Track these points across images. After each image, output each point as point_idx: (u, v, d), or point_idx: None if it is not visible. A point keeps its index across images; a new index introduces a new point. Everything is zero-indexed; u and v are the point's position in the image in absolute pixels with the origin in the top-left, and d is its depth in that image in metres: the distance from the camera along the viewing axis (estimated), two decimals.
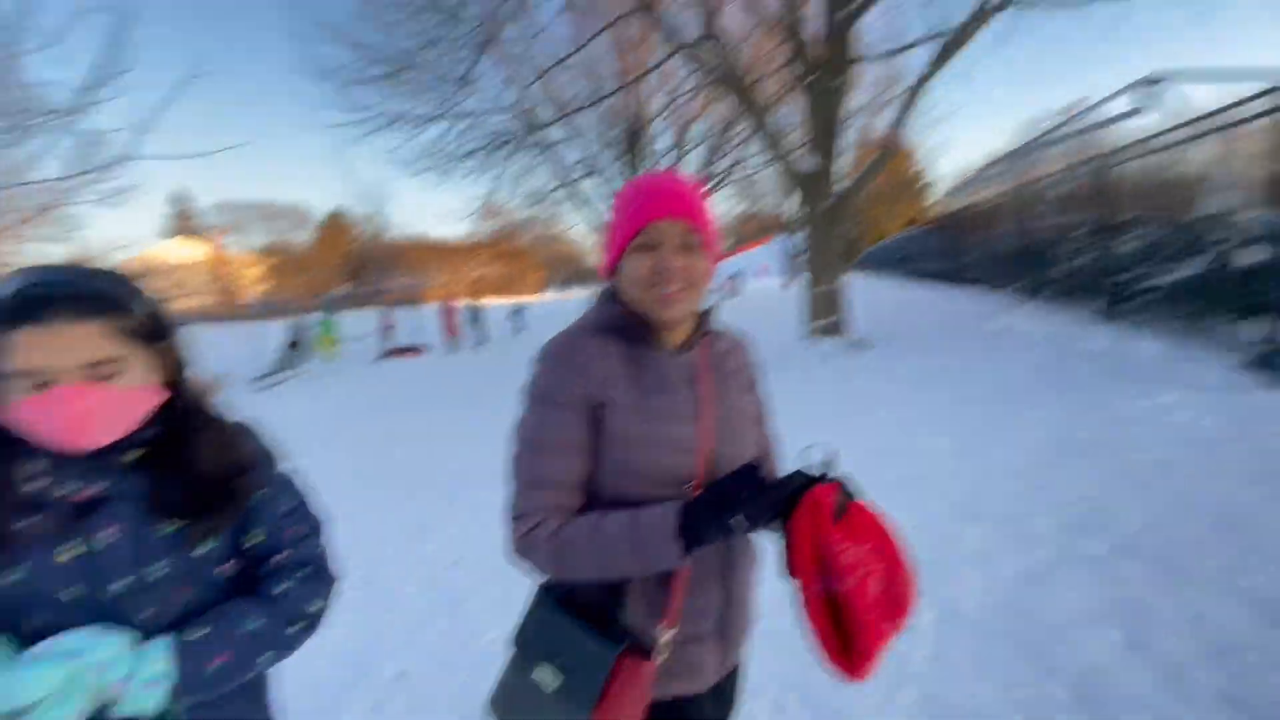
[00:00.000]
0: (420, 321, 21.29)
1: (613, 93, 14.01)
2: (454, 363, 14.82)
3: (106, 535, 0.81)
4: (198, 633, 0.83)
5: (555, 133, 16.35)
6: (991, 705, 1.94)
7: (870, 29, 11.02)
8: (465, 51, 11.76)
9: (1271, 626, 2.12)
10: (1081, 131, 12.61)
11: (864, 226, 40.07)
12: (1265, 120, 3.94)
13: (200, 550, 0.87)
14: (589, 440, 0.98)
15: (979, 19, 7.05)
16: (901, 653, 2.17)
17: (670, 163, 18.20)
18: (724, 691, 1.13)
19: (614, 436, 0.97)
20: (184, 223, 60.65)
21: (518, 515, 0.98)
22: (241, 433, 0.95)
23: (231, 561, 0.93)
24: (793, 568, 0.93)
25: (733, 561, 1.06)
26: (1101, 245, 6.06)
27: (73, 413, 0.76)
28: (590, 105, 14.51)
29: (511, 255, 60.09)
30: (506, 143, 15.32)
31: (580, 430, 0.97)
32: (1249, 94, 4.11)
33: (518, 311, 23.21)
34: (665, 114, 17.33)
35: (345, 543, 1.06)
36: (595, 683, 0.91)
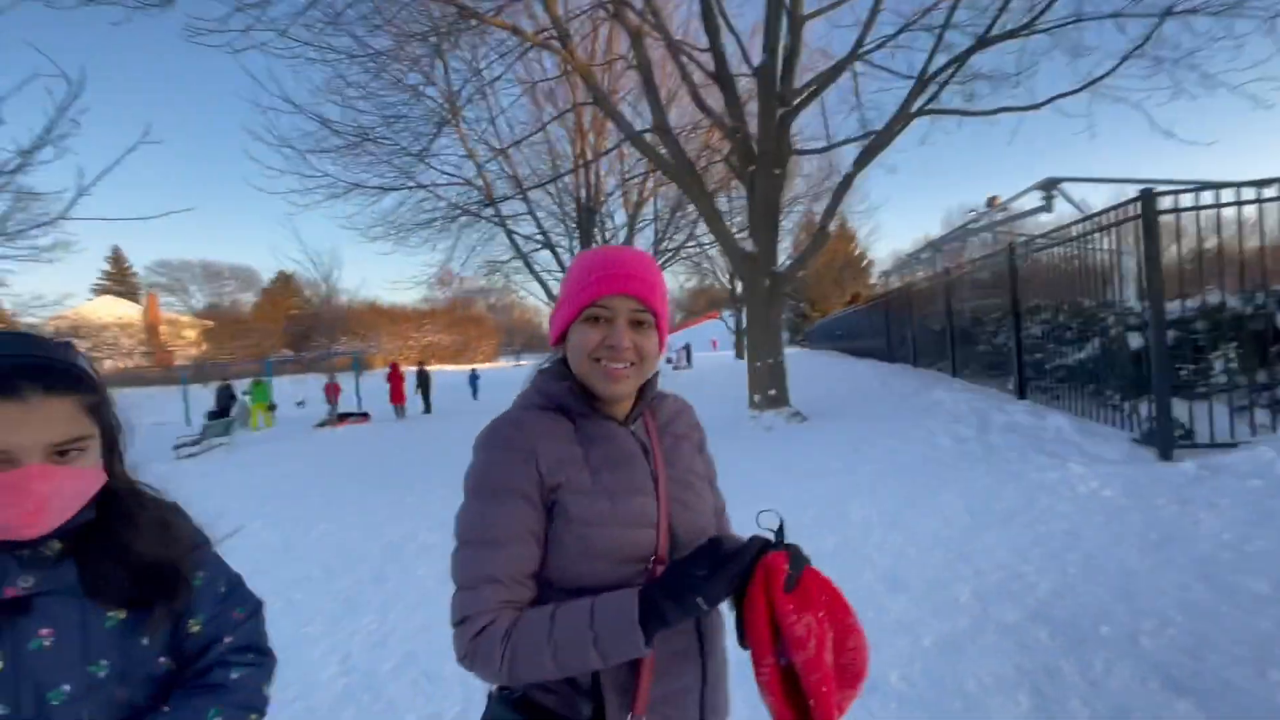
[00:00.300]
0: (369, 387, 20.77)
1: (563, 174, 14.64)
2: (398, 431, 14.42)
3: (42, 638, 0.72)
4: None
5: (511, 207, 16.86)
6: None
7: (809, 125, 12.08)
8: (425, 127, 12.19)
9: (1164, 689, 2.25)
10: (997, 223, 13.90)
11: (812, 304, 42.21)
12: (1136, 221, 4.49)
13: (144, 641, 0.80)
14: (541, 529, 0.91)
15: (897, 123, 7.87)
16: None
17: (622, 239, 18.90)
18: None
19: (572, 519, 0.91)
20: (119, 281, 58.28)
21: (463, 619, 0.88)
22: (177, 513, 0.90)
23: (167, 656, 0.85)
24: (748, 640, 0.89)
25: (707, 638, 0.99)
26: (1013, 328, 6.57)
27: (36, 496, 0.69)
28: (544, 184, 15.11)
29: (465, 322, 59.87)
30: (462, 214, 15.67)
31: (531, 519, 0.90)
32: (1126, 198, 4.68)
33: (475, 377, 23.51)
34: (617, 194, 18.17)
35: (269, 622, 1.04)
36: None
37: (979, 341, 7.96)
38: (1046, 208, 12.34)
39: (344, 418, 16.89)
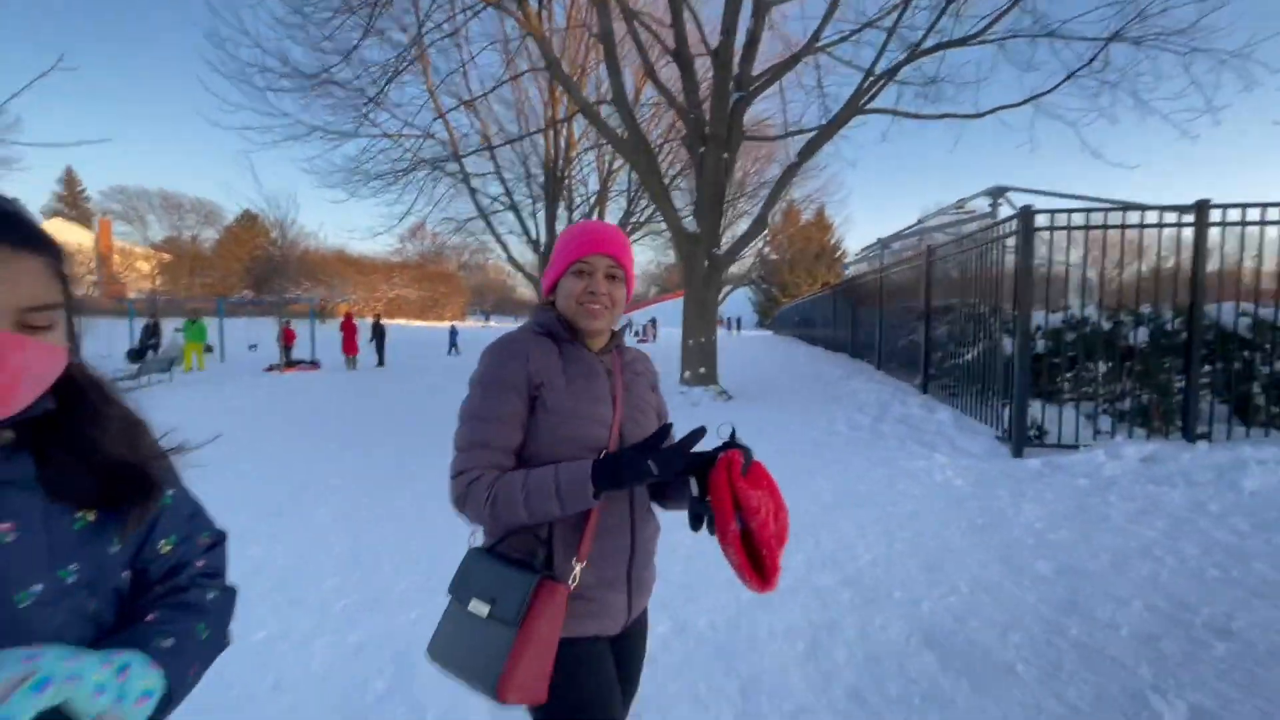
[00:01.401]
0: (324, 336, 20.54)
1: (533, 133, 14.49)
2: (341, 381, 14.40)
3: (2, 534, 0.63)
4: (166, 642, 0.71)
5: (478, 166, 16.66)
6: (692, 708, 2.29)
7: (776, 112, 12.21)
8: (385, 70, 11.94)
9: (919, 644, 2.60)
10: (946, 225, 14.33)
11: (783, 289, 42.84)
12: (1015, 237, 4.82)
13: (111, 549, 0.73)
14: (525, 415, 1.19)
15: (841, 119, 8.08)
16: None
17: (588, 209, 18.87)
18: (631, 637, 1.35)
19: (549, 410, 1.20)
20: (71, 204, 55.65)
21: (459, 472, 1.17)
22: (144, 421, 0.81)
23: (128, 572, 0.77)
24: (714, 516, 1.14)
25: (638, 520, 1.29)
26: (923, 327, 6.94)
27: (9, 369, 0.60)
28: (512, 141, 14.96)
29: (435, 278, 58.87)
30: (427, 167, 15.44)
31: (519, 406, 1.19)
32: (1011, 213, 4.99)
33: (454, 333, 24.06)
34: (591, 160, 18.08)
35: None
36: (520, 603, 1.08)
37: (900, 337, 8.35)
38: (992, 214, 12.77)
39: (293, 364, 16.76)
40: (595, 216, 20.74)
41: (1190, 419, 4.61)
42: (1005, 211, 12.81)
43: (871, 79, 8.23)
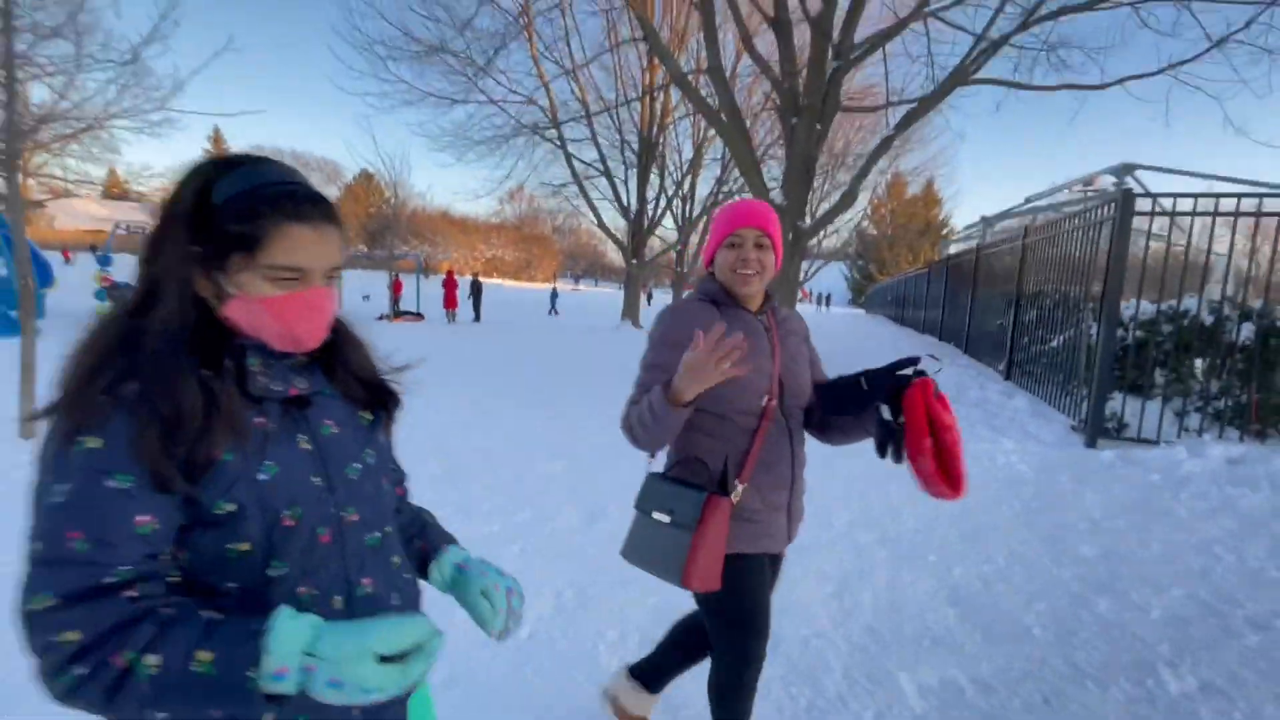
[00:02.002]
0: (428, 290, 22.15)
1: (630, 100, 14.70)
2: (442, 333, 15.60)
3: (325, 428, 0.83)
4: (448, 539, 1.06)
5: (575, 132, 17.13)
6: None
7: (873, 78, 11.77)
8: (494, 40, 12.53)
9: (944, 600, 2.81)
10: (1060, 204, 13.29)
11: (881, 266, 40.92)
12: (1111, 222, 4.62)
13: (382, 440, 0.94)
14: None
15: (942, 91, 7.76)
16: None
17: (680, 176, 18.95)
18: (777, 562, 1.61)
19: None
20: None
21: (630, 402, 1.40)
22: (371, 348, 1.00)
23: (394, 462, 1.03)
24: (908, 432, 1.31)
25: (797, 454, 1.51)
26: (1014, 311, 6.73)
27: (321, 313, 0.79)
28: (610, 109, 15.25)
29: (530, 240, 60.92)
30: (528, 132, 16.08)
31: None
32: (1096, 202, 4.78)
33: (555, 295, 25.54)
34: (687, 126, 18.08)
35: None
36: (694, 513, 1.33)
37: (990, 321, 8.08)
38: (1116, 193, 11.74)
39: (400, 314, 18.27)
40: (688, 184, 20.80)
41: None
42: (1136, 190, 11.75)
43: (982, 46, 7.81)
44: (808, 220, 8.91)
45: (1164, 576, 3.05)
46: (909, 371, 1.34)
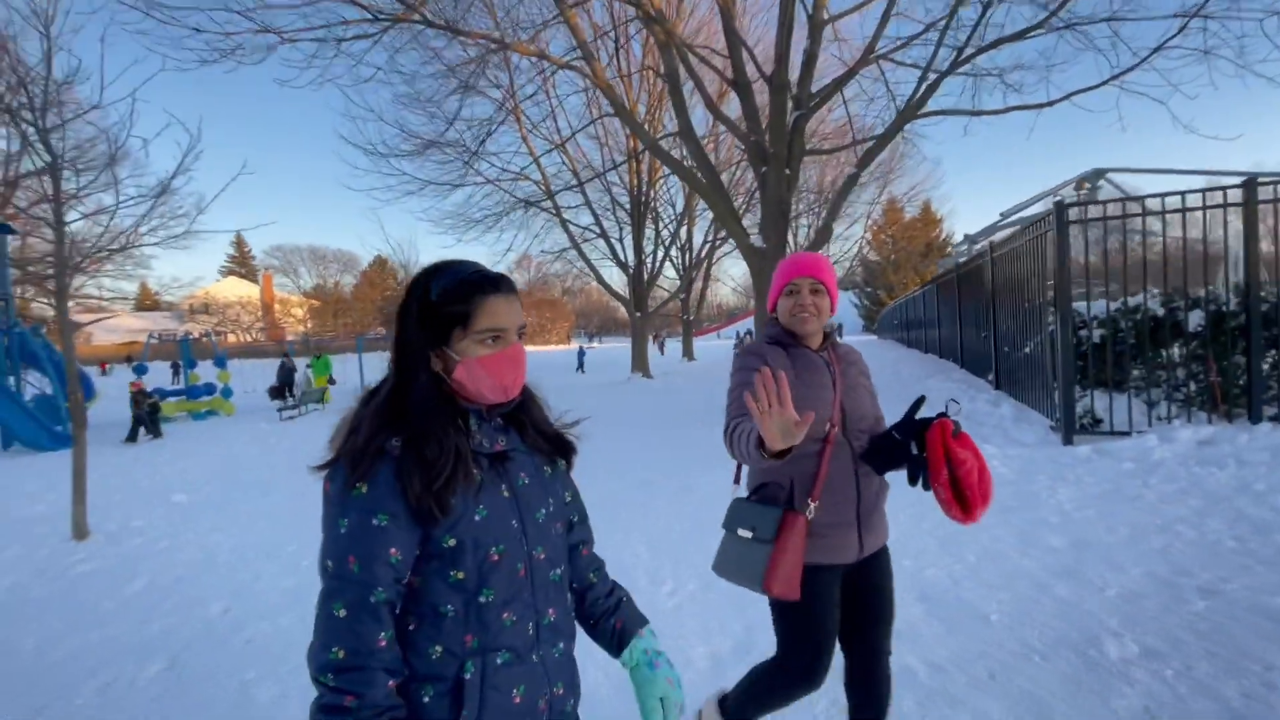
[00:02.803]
0: None
1: (617, 165, 15.54)
2: None
3: (521, 479, 0.99)
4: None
5: (569, 200, 18.06)
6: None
7: (842, 118, 12.42)
8: (484, 126, 13.50)
9: (915, 597, 3.02)
10: (1035, 216, 13.62)
11: (890, 290, 41.15)
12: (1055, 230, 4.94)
13: (561, 492, 1.09)
14: None
15: (896, 126, 8.28)
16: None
17: (674, 227, 19.70)
18: (871, 565, 1.67)
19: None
20: (241, 264, 65.14)
21: (731, 418, 1.55)
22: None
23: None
24: (929, 465, 1.46)
25: (861, 476, 1.61)
26: (991, 323, 7.00)
27: (520, 363, 0.96)
28: (599, 175, 16.14)
29: (542, 304, 62.42)
30: (524, 206, 17.00)
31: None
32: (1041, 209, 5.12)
33: (582, 353, 26.72)
34: (672, 185, 18.94)
35: None
36: (772, 528, 1.50)
37: (977, 335, 8.32)
38: (1091, 197, 12.07)
39: None
40: (684, 234, 21.54)
41: (1255, 401, 4.48)
42: (1106, 194, 12.07)
43: (928, 82, 8.37)
44: None
45: (1126, 558, 3.23)
46: (931, 415, 1.53)
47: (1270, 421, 4.43)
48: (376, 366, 26.87)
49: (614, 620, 1.12)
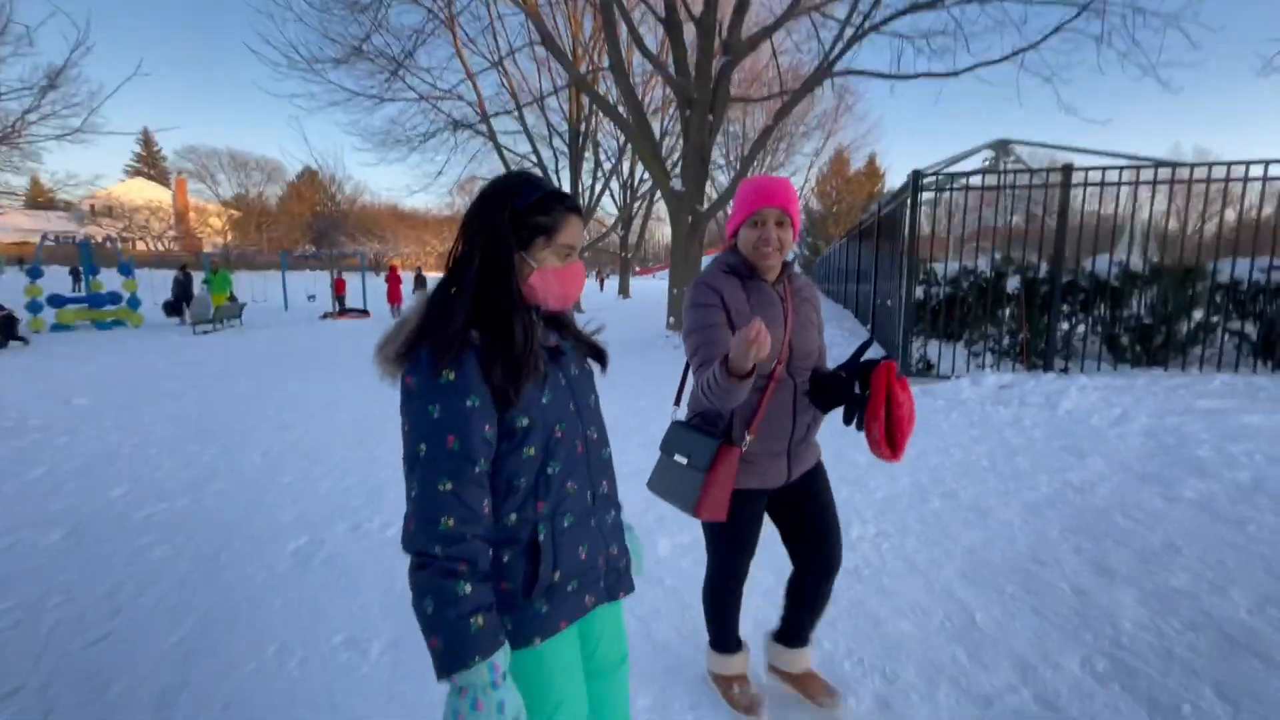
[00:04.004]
0: (374, 287, 22.40)
1: (542, 98, 15.25)
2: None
3: (573, 370, 1.11)
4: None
5: (506, 125, 17.62)
6: None
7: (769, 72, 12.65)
8: (414, 36, 12.93)
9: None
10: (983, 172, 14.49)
11: (828, 242, 42.37)
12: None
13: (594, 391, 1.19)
14: (727, 322, 1.53)
15: (812, 82, 8.67)
16: None
17: (614, 163, 19.62)
18: (800, 484, 1.72)
19: (735, 329, 1.52)
20: (149, 164, 59.67)
21: (698, 366, 1.53)
22: None
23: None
24: (868, 405, 1.49)
25: (799, 409, 1.62)
26: (873, 280, 7.71)
27: (581, 279, 1.08)
28: (530, 103, 15.80)
29: None
30: (456, 128, 16.50)
31: (721, 317, 1.54)
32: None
33: None
34: (609, 122, 18.69)
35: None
36: (706, 458, 1.53)
37: (864, 291, 9.10)
38: (994, 166, 12.95)
39: (345, 312, 18.60)
40: (627, 170, 21.46)
41: (1050, 355, 5.37)
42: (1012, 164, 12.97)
43: (844, 41, 8.73)
44: (704, 205, 9.76)
45: (902, 471, 3.99)
46: (876, 357, 1.58)
47: (1056, 372, 5.33)
48: (300, 285, 25.86)
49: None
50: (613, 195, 24.12)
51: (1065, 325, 5.50)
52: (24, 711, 1.86)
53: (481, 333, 0.96)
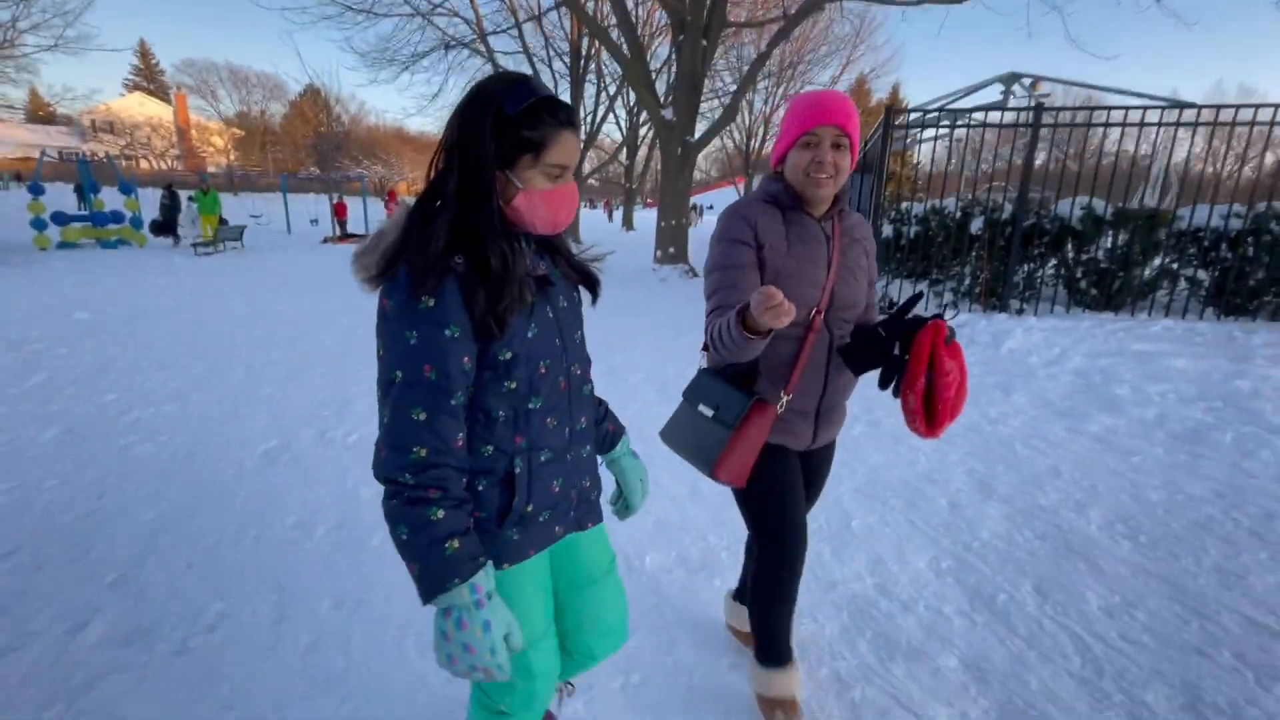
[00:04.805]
0: (376, 211, 22.34)
1: (539, 15, 14.68)
2: None
3: (561, 302, 1.05)
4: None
5: (506, 44, 17.01)
6: None
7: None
8: None
9: None
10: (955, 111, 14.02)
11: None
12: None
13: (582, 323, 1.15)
14: (756, 264, 1.36)
15: (800, 15, 8.35)
16: None
17: (615, 90, 18.99)
18: (815, 455, 1.58)
19: (769, 269, 1.34)
20: (148, 78, 58.07)
21: (710, 309, 1.39)
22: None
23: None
24: (907, 369, 1.31)
25: (832, 369, 1.44)
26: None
27: (575, 201, 0.99)
28: (528, 20, 15.20)
29: None
30: (448, 46, 15.95)
31: (751, 256, 1.36)
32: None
33: None
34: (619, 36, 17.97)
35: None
36: (737, 414, 1.33)
37: None
38: (1003, 102, 12.52)
39: (346, 237, 18.67)
40: (624, 97, 20.80)
41: (1006, 296, 5.50)
42: (1017, 99, 12.54)
43: None
44: (695, 135, 9.63)
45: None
46: (925, 315, 1.35)
47: (1010, 313, 5.48)
48: (303, 209, 25.79)
49: (605, 424, 1.28)
50: (617, 121, 23.51)
51: (1027, 267, 5.59)
52: (19, 566, 2.23)
53: (465, 258, 0.89)
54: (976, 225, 5.51)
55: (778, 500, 1.48)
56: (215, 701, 1.66)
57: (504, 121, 0.88)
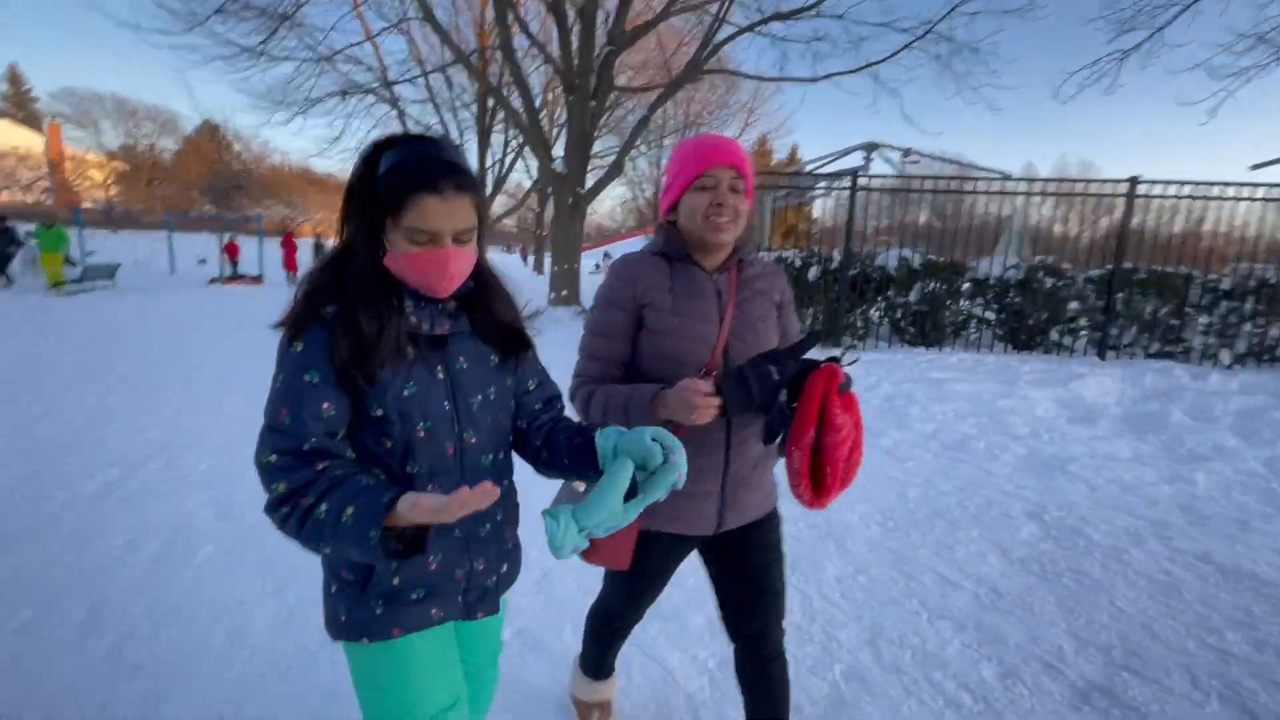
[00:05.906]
0: (270, 253, 21.55)
1: (444, 66, 15.19)
2: (280, 295, 15.65)
3: (459, 362, 1.00)
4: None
5: (413, 93, 17.36)
6: None
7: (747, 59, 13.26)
8: None
9: None
10: (828, 175, 15.68)
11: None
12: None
13: (508, 382, 1.09)
14: (632, 331, 1.28)
15: (676, 84, 9.34)
16: None
17: (520, 144, 19.71)
18: (737, 539, 1.36)
19: (651, 328, 1.27)
20: (18, 105, 53.60)
21: (575, 375, 1.32)
22: (514, 298, 1.12)
23: (513, 400, 1.12)
24: (798, 415, 1.16)
25: (734, 442, 1.27)
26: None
27: (448, 269, 0.93)
28: (439, 69, 15.69)
29: None
30: (345, 93, 16.02)
31: (625, 323, 1.28)
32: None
33: None
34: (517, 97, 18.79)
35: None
36: None
37: None
38: (864, 168, 14.17)
39: (236, 278, 17.91)
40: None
41: (838, 334, 6.34)
42: (877, 166, 14.26)
43: (716, 41, 9.43)
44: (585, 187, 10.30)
45: None
46: (820, 358, 1.22)
47: (842, 349, 6.31)
48: (193, 249, 24.37)
49: (580, 439, 1.06)
50: (527, 168, 24.11)
51: (859, 310, 6.45)
52: None
53: (339, 308, 0.90)
54: (813, 273, 6.34)
55: (638, 589, 1.44)
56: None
57: (373, 179, 0.91)
